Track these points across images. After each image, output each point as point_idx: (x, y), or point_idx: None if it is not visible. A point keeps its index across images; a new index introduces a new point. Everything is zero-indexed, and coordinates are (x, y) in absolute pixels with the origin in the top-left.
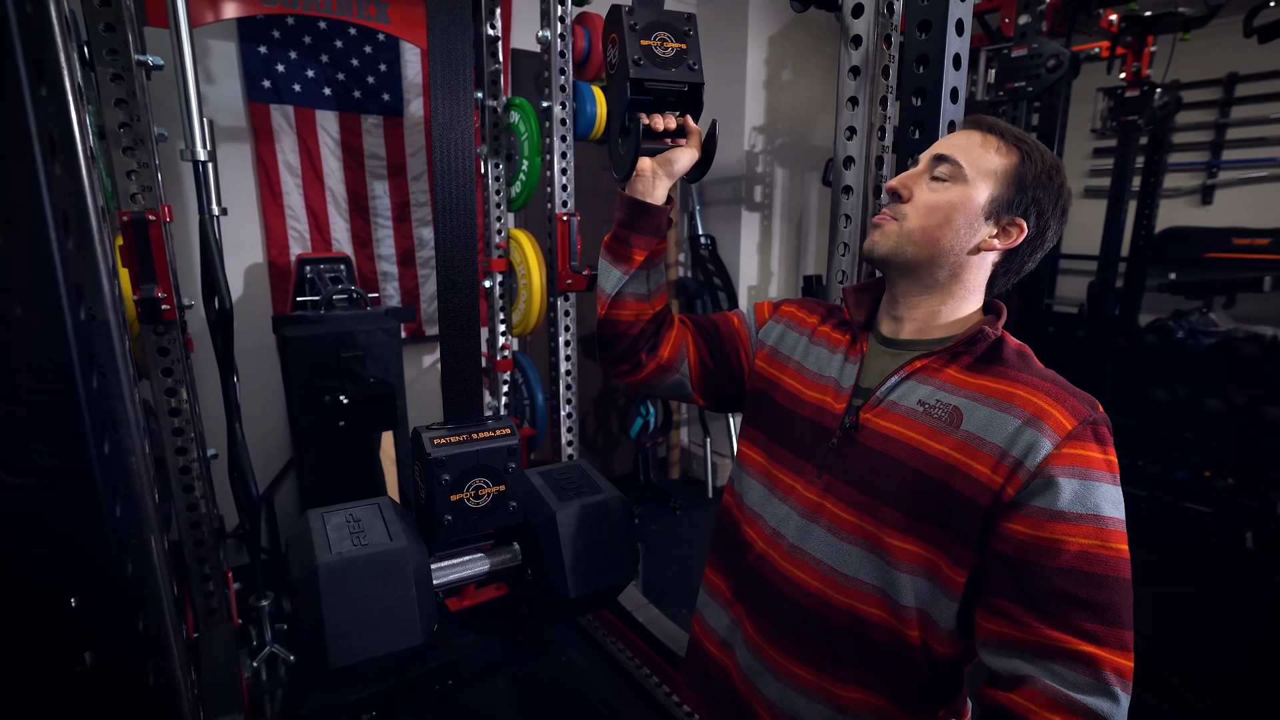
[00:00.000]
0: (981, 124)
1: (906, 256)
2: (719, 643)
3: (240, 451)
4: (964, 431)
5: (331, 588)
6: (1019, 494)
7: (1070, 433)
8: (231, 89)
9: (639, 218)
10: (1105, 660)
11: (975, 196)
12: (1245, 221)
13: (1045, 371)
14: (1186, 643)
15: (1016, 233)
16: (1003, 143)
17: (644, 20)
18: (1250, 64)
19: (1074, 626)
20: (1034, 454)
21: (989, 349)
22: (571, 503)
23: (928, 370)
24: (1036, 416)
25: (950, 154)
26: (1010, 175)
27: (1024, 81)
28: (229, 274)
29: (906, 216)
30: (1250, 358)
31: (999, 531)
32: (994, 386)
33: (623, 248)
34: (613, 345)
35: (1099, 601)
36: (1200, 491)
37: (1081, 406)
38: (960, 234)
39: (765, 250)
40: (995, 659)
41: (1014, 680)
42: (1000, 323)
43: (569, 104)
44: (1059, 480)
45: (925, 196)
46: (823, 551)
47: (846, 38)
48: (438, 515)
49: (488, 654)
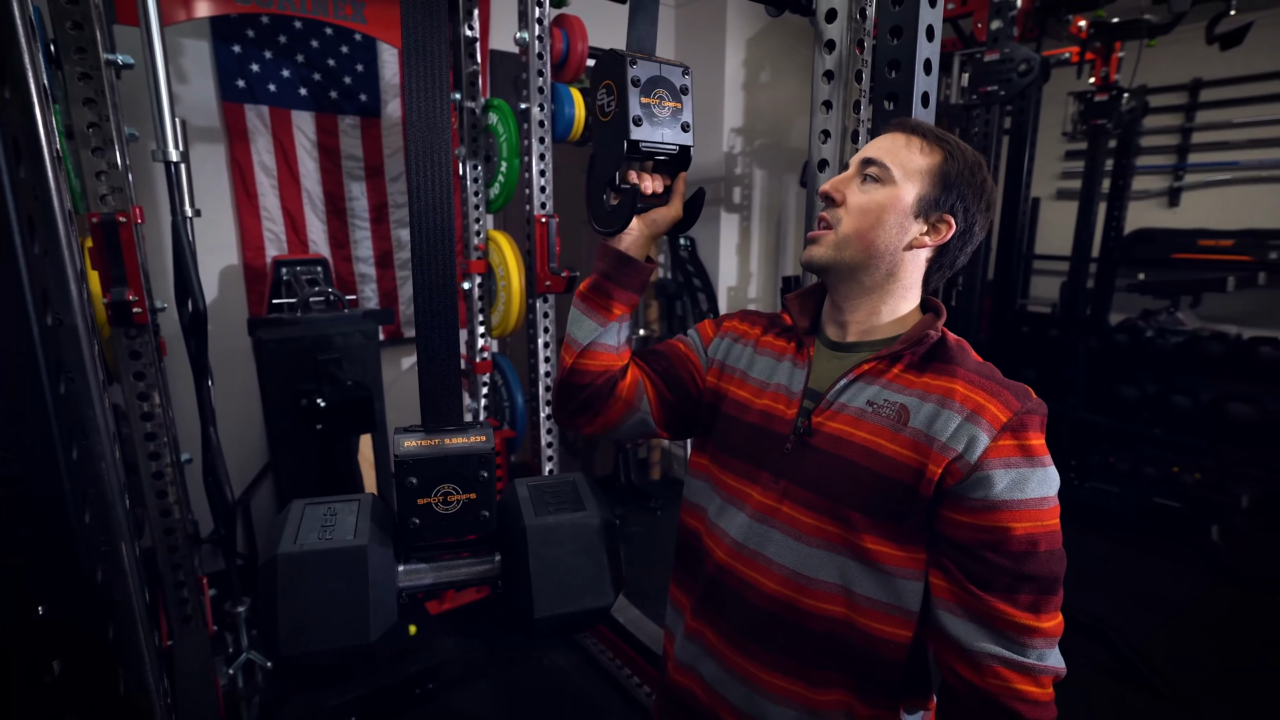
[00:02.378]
0: (905, 126)
1: (845, 260)
2: (681, 667)
3: (215, 456)
4: (911, 429)
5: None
6: (959, 485)
7: (1005, 425)
8: (204, 89)
9: (623, 271)
10: (1047, 629)
11: (904, 196)
12: (1210, 223)
13: (981, 366)
14: (1157, 634)
15: (946, 229)
16: (925, 142)
17: (646, 75)
18: (1214, 70)
19: (1020, 601)
20: (973, 448)
21: (931, 348)
22: (547, 518)
23: (874, 372)
24: (975, 412)
25: (877, 157)
26: (935, 173)
27: (996, 85)
28: (203, 277)
29: (841, 220)
30: (1215, 356)
31: (948, 520)
32: (935, 384)
33: (603, 299)
34: (574, 396)
35: (1041, 575)
36: (1169, 487)
37: (1013, 399)
38: (892, 233)
39: (744, 251)
40: (948, 624)
41: (967, 650)
42: (940, 322)
43: (547, 105)
44: (995, 473)
45: (857, 199)
46: (784, 555)
47: (820, 42)
48: (404, 518)
49: (469, 657)
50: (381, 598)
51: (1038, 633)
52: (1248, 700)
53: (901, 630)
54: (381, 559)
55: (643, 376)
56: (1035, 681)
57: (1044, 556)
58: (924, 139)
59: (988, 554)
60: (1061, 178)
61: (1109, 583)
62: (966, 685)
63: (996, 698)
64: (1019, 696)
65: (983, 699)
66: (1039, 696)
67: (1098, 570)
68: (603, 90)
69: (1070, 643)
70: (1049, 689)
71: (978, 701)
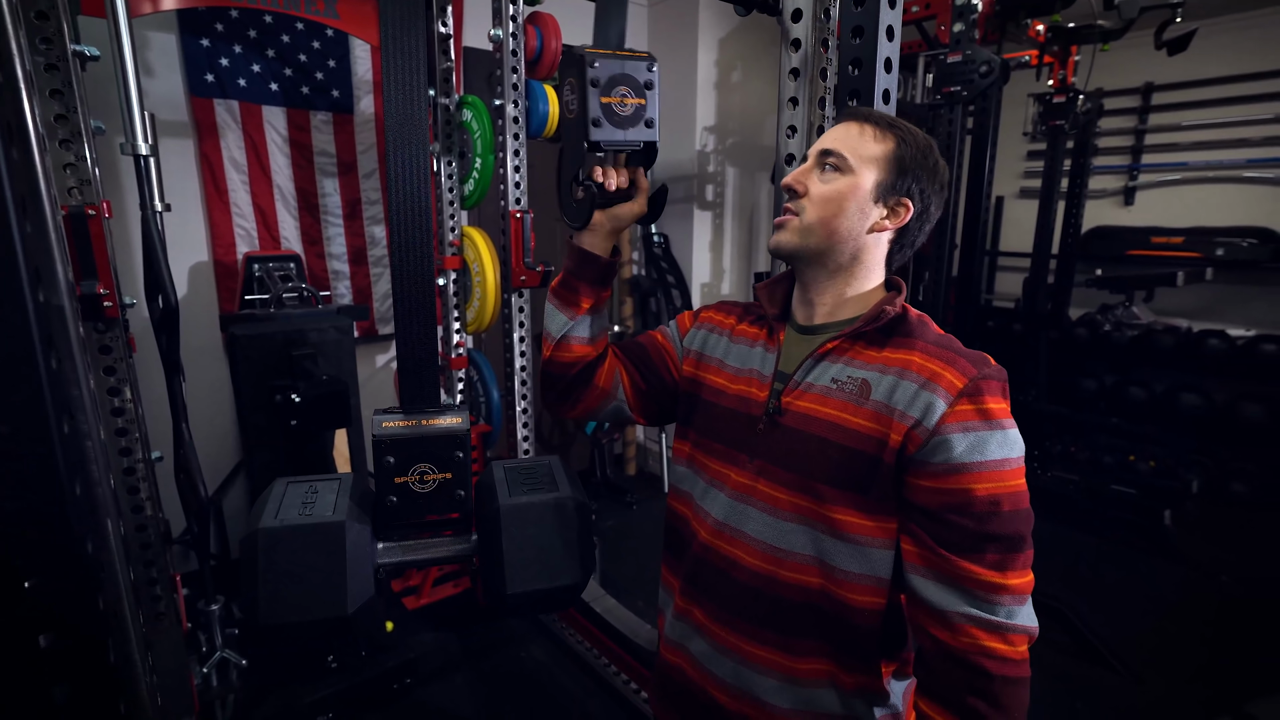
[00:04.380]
0: (857, 115)
1: (810, 246)
2: (671, 645)
3: (187, 453)
4: (874, 401)
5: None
6: (920, 451)
7: (961, 390)
8: (172, 83)
9: (586, 267)
10: (1015, 586)
11: (862, 183)
12: (1162, 221)
13: (941, 337)
14: (1113, 614)
15: (904, 211)
16: (877, 130)
17: (606, 74)
18: (1165, 75)
19: (987, 560)
20: (930, 414)
21: (890, 323)
22: (521, 497)
23: (838, 350)
24: (931, 380)
25: (833, 147)
26: (890, 160)
27: (959, 86)
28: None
29: (805, 210)
30: (1167, 349)
31: (913, 486)
32: (895, 356)
33: (570, 294)
34: (554, 385)
35: (1006, 534)
36: (1125, 474)
37: (970, 366)
38: (854, 219)
39: (717, 248)
40: (919, 587)
41: (938, 611)
42: (900, 298)
43: (521, 102)
44: (952, 437)
45: (818, 189)
46: (762, 532)
47: (786, 41)
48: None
49: (446, 651)
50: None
51: (1005, 590)
52: (1192, 674)
53: (875, 598)
54: (359, 535)
55: (619, 366)
56: (1004, 639)
57: (1008, 515)
58: (876, 126)
59: (952, 516)
60: (1024, 177)
61: (1069, 567)
62: (938, 645)
63: (966, 655)
64: (987, 653)
65: (953, 658)
66: (1009, 654)
67: (1058, 555)
68: (566, 88)
69: None
70: (1020, 648)
71: (949, 661)
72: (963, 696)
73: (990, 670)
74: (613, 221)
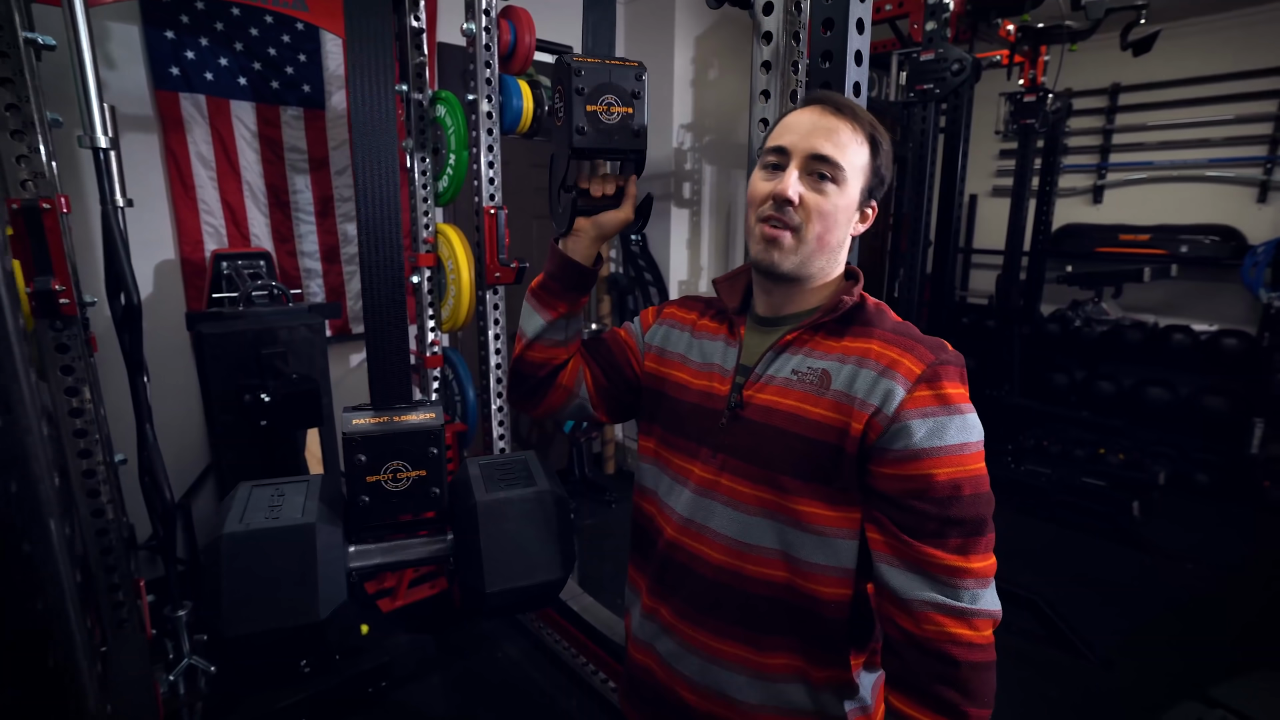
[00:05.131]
0: (841, 108)
1: (809, 269)
2: (640, 645)
3: (152, 455)
4: (834, 391)
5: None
6: (880, 439)
7: (919, 377)
8: (135, 75)
9: (566, 273)
10: (977, 570)
11: (853, 194)
12: (1130, 219)
13: (899, 324)
14: (1083, 603)
15: (872, 213)
16: (860, 130)
17: (592, 83)
18: (1131, 76)
19: (950, 544)
20: (890, 401)
21: (848, 312)
22: (498, 493)
23: (798, 342)
24: (889, 368)
25: (832, 155)
26: (871, 166)
27: (932, 84)
28: (138, 271)
29: (804, 227)
30: (1135, 343)
31: (875, 474)
32: (854, 345)
33: (549, 297)
34: (523, 383)
35: (968, 517)
36: (1095, 467)
37: (927, 352)
38: (843, 231)
39: (695, 246)
40: (886, 575)
41: (904, 600)
42: (858, 287)
43: (495, 97)
44: (912, 423)
45: (817, 202)
46: (727, 526)
47: (758, 34)
48: (353, 496)
49: (421, 653)
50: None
51: (968, 573)
52: (1159, 659)
53: (841, 589)
54: (330, 537)
55: (583, 365)
56: (969, 625)
57: (968, 500)
58: (856, 123)
59: (914, 502)
60: (997, 175)
61: (1041, 558)
62: (904, 634)
63: (933, 643)
64: (953, 640)
65: (919, 645)
66: (974, 639)
67: (1032, 547)
68: (556, 95)
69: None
70: (985, 632)
71: (917, 650)
72: (932, 686)
73: (957, 657)
74: (598, 229)
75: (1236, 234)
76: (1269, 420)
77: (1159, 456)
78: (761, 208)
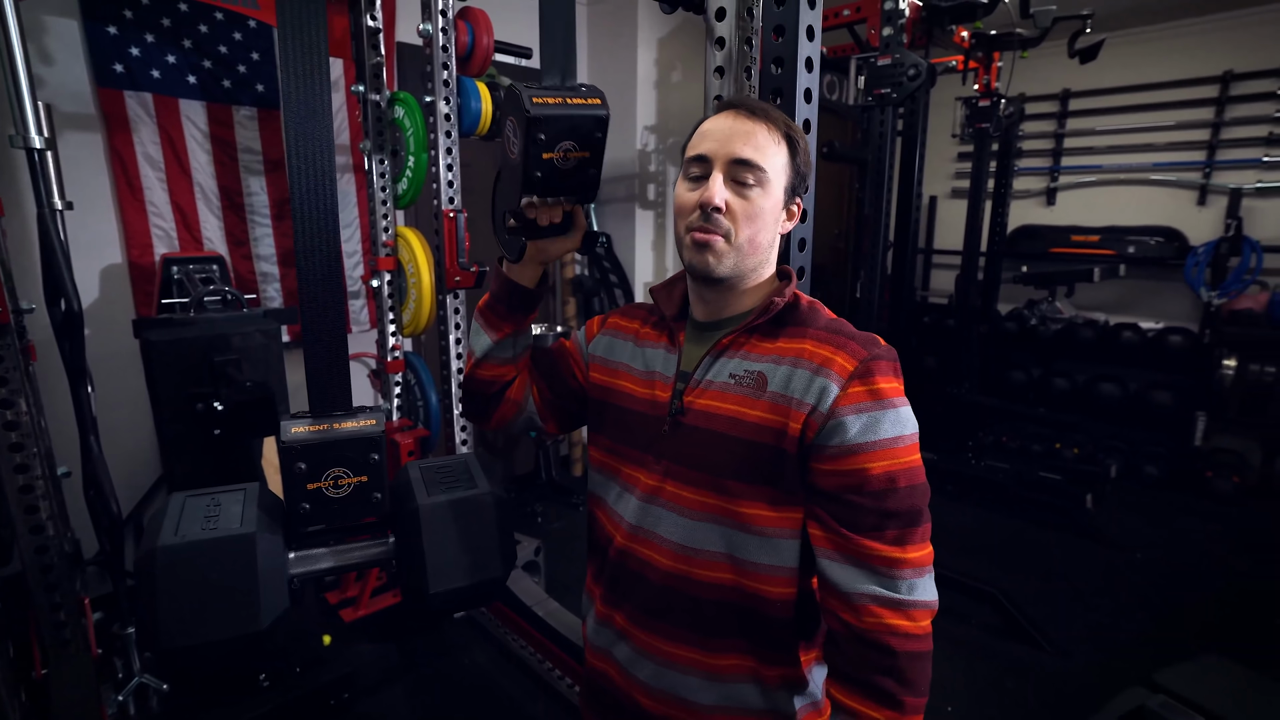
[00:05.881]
0: (754, 111)
1: (743, 271)
2: (596, 651)
3: (97, 467)
4: (770, 393)
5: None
6: (818, 437)
7: (852, 373)
8: (75, 72)
9: (512, 297)
10: (914, 560)
11: (777, 194)
12: (1081, 220)
13: (831, 322)
14: (1040, 594)
15: (797, 209)
16: (776, 130)
17: (551, 131)
18: (1080, 82)
19: (887, 536)
20: (824, 399)
21: (780, 313)
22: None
23: (734, 345)
24: (823, 365)
25: (755, 159)
26: (790, 165)
27: (889, 88)
28: (82, 276)
29: (733, 232)
30: (1088, 341)
31: (814, 470)
32: (788, 346)
33: (494, 317)
34: (474, 399)
35: (904, 509)
36: (1051, 461)
37: (859, 348)
38: (771, 231)
39: (660, 247)
40: (827, 569)
41: (845, 593)
42: (791, 287)
43: (453, 99)
44: (847, 419)
45: (742, 206)
46: (673, 532)
47: (711, 39)
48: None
49: (385, 662)
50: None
51: (905, 564)
52: (1112, 647)
53: (786, 589)
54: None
55: (530, 379)
56: (907, 616)
57: (904, 492)
58: (771, 124)
59: (851, 496)
60: (955, 178)
61: (1002, 551)
62: (845, 626)
63: (870, 633)
64: (891, 631)
65: (859, 637)
66: (911, 630)
67: (992, 541)
68: (508, 125)
69: (964, 607)
70: (923, 623)
71: (857, 643)
72: (871, 676)
73: (895, 648)
74: (542, 254)
75: (1179, 235)
76: (1211, 414)
77: (1111, 450)
78: (690, 218)
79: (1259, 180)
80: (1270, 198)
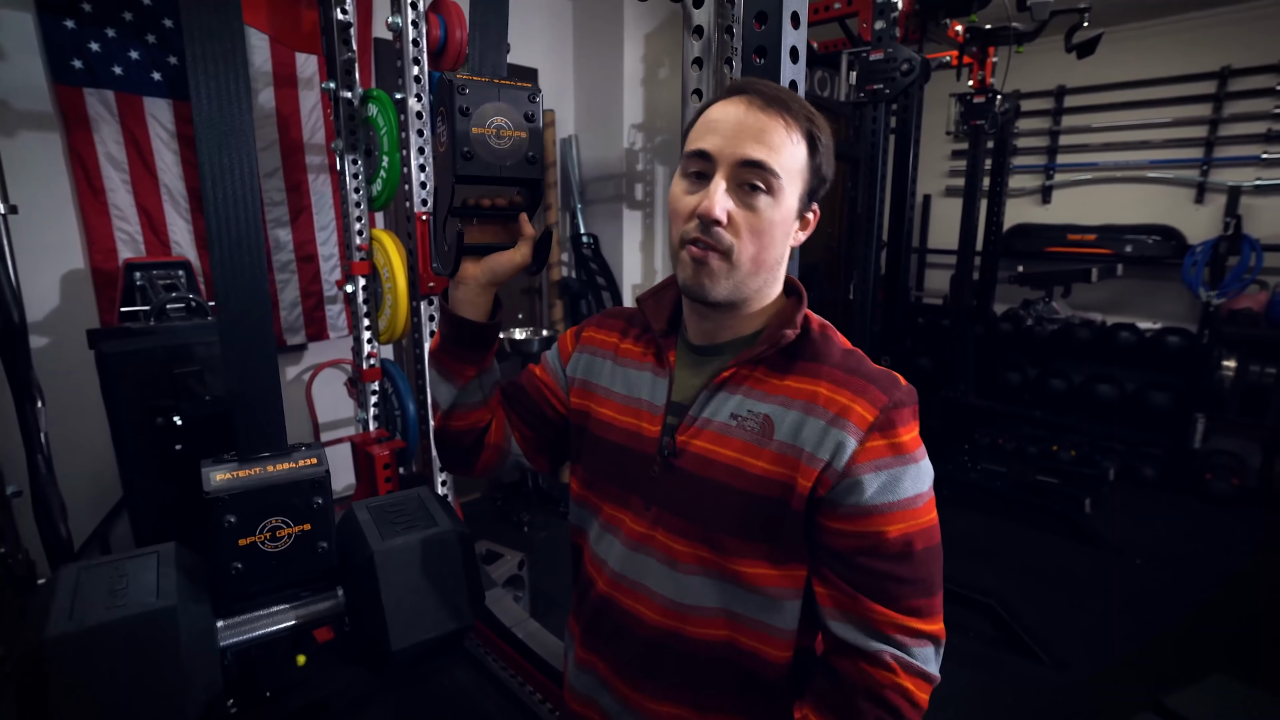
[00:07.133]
0: (772, 101)
1: (746, 293)
2: (579, 697)
3: (45, 487)
4: (777, 441)
5: (62, 666)
6: (830, 493)
7: (872, 425)
8: (30, 68)
9: (462, 334)
10: (928, 632)
11: (790, 203)
12: (1077, 219)
13: (847, 356)
14: (1038, 602)
15: (813, 218)
16: (795, 126)
17: (478, 103)
18: (1076, 78)
19: (902, 604)
20: (840, 455)
21: (792, 344)
22: (395, 539)
23: (736, 379)
24: (840, 415)
25: (767, 161)
26: (810, 166)
27: (882, 84)
28: (41, 283)
29: (735, 249)
30: (1084, 341)
31: (823, 528)
32: (799, 386)
33: (452, 361)
34: (451, 451)
35: (919, 577)
36: (1049, 464)
37: (880, 394)
38: (780, 246)
39: (648, 248)
40: (835, 628)
41: (853, 650)
42: (800, 312)
43: (425, 96)
44: (865, 478)
45: (747, 219)
46: (663, 585)
47: (689, 28)
48: (223, 564)
49: (359, 684)
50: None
51: (919, 635)
52: (1111, 659)
53: (784, 651)
54: (196, 618)
55: (507, 419)
56: (915, 682)
57: (920, 556)
58: (789, 117)
59: (863, 560)
60: (949, 176)
61: (998, 557)
62: (855, 669)
63: (878, 688)
64: (900, 690)
65: (866, 690)
66: (916, 698)
67: (988, 546)
68: (439, 119)
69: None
70: (923, 695)
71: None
72: None
73: (899, 709)
74: (489, 274)
75: (1177, 234)
76: (1210, 415)
77: (1108, 452)
78: (686, 227)
79: (1258, 178)
80: (1269, 195)
